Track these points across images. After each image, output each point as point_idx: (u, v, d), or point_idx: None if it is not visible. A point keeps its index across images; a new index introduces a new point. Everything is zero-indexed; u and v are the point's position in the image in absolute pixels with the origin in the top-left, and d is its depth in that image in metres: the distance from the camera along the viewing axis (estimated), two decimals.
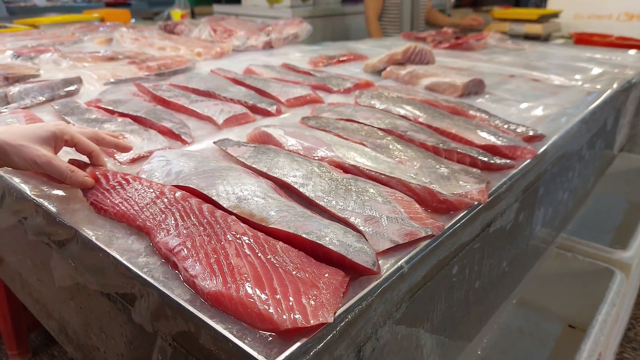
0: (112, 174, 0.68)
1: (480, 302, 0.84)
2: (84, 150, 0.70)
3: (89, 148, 0.70)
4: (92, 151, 0.70)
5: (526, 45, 2.09)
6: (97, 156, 0.71)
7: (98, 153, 0.71)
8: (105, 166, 0.72)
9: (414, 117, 0.98)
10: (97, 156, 0.71)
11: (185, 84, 1.19)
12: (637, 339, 1.94)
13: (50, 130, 0.67)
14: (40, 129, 0.67)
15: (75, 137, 0.69)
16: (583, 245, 1.43)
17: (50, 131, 0.67)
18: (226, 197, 0.61)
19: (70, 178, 0.65)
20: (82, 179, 0.65)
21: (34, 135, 0.65)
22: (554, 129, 0.99)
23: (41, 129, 0.66)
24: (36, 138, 0.65)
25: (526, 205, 0.89)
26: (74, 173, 0.65)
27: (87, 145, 0.70)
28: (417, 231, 0.59)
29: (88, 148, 0.70)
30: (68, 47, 1.81)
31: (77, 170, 0.66)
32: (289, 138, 0.82)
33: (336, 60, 1.62)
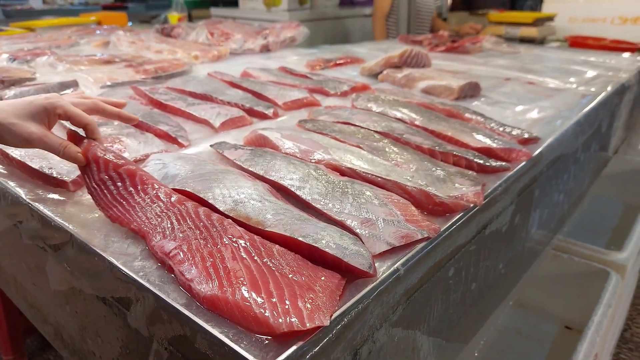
0: (103, 162, 0.64)
1: (477, 304, 0.84)
2: (79, 123, 0.67)
3: (84, 121, 0.67)
4: (87, 124, 0.67)
5: (521, 49, 2.10)
6: (93, 129, 0.68)
7: (93, 126, 0.68)
8: (101, 139, 0.69)
9: (410, 120, 0.98)
10: (92, 129, 0.68)
11: (182, 87, 1.19)
12: (634, 340, 1.94)
13: (42, 104, 0.64)
14: (31, 104, 0.64)
15: (69, 110, 0.66)
16: (579, 246, 1.44)
17: (42, 106, 0.64)
18: (222, 201, 0.61)
19: (63, 153, 0.63)
20: (75, 155, 0.64)
21: (25, 112, 0.63)
22: (549, 132, 0.99)
23: (31, 105, 0.64)
24: (27, 114, 0.63)
25: (522, 207, 0.89)
26: (67, 148, 0.63)
27: (81, 118, 0.67)
28: (413, 234, 0.59)
29: (83, 121, 0.67)
30: (64, 51, 1.81)
31: (70, 145, 0.64)
32: (285, 141, 0.82)
33: (333, 64, 1.62)
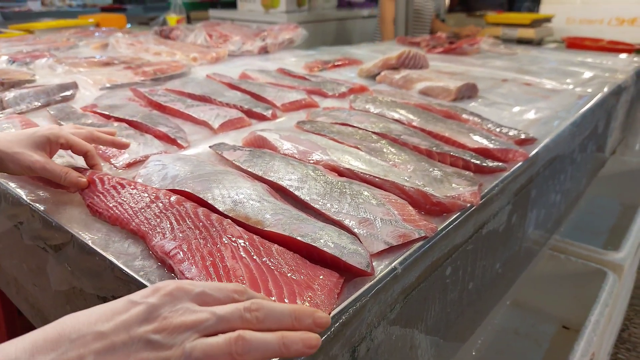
0: (107, 178, 0.69)
1: (474, 303, 0.85)
2: (79, 151, 0.72)
3: (84, 148, 0.71)
4: (88, 151, 0.72)
5: (519, 50, 2.11)
6: (92, 156, 0.73)
7: (93, 153, 0.73)
8: (100, 166, 0.74)
9: (407, 121, 0.99)
10: (92, 156, 0.73)
11: (181, 88, 1.20)
12: (631, 340, 1.95)
13: (44, 135, 0.68)
14: (34, 134, 0.68)
15: (70, 139, 0.70)
16: (576, 247, 1.45)
17: (44, 136, 0.68)
18: (222, 201, 0.62)
19: (65, 179, 0.66)
20: (76, 180, 0.67)
21: (28, 141, 0.67)
22: (546, 132, 1.00)
23: (34, 135, 0.68)
24: (30, 144, 0.67)
25: (518, 207, 0.90)
26: (68, 174, 0.67)
27: (82, 146, 0.71)
28: (410, 233, 0.59)
29: (83, 148, 0.71)
30: (63, 53, 1.81)
31: (71, 172, 0.67)
32: (284, 142, 0.83)
33: (331, 65, 1.63)
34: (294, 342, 0.36)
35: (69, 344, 0.33)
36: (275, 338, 0.36)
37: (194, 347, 0.34)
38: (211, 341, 0.35)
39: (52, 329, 0.34)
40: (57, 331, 0.34)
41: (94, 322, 0.34)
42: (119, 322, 0.34)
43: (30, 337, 0.34)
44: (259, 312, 0.37)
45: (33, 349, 0.33)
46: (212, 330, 0.36)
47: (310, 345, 0.37)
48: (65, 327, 0.34)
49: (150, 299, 0.36)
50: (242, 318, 0.36)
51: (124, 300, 0.36)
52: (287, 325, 0.38)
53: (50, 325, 0.35)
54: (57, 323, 0.34)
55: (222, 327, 0.36)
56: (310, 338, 0.37)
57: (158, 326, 0.35)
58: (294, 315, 0.38)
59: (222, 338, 0.35)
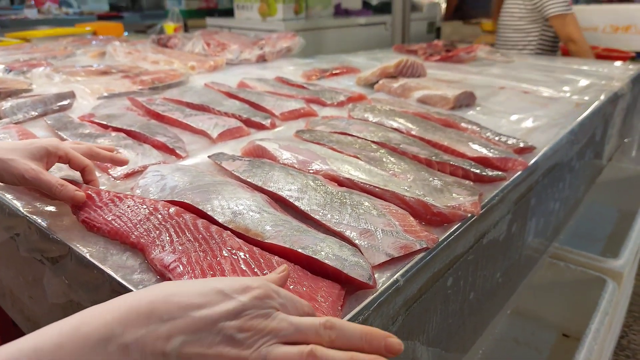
0: (103, 192, 0.67)
1: (475, 314, 0.84)
2: (78, 165, 0.70)
3: (83, 163, 0.70)
4: (86, 166, 0.70)
5: (515, 57, 2.12)
6: (90, 171, 0.71)
7: (91, 168, 0.71)
8: (97, 182, 0.72)
9: (406, 130, 0.99)
10: (90, 171, 0.71)
11: (179, 97, 1.20)
12: (631, 347, 1.95)
13: (43, 146, 0.66)
14: (32, 144, 0.66)
15: (69, 153, 0.69)
16: (575, 254, 1.45)
17: (43, 147, 0.66)
18: (221, 212, 0.62)
19: (60, 192, 0.64)
20: (73, 194, 0.64)
21: (25, 151, 0.65)
22: (545, 141, 1.00)
23: (33, 145, 0.66)
24: (27, 153, 0.65)
25: (518, 216, 0.90)
26: (64, 187, 0.64)
27: (80, 161, 0.70)
28: (412, 244, 0.59)
29: (82, 163, 0.70)
30: (61, 61, 1.81)
31: (68, 185, 0.64)
32: (283, 151, 0.82)
33: (329, 74, 1.63)
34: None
35: (160, 324, 0.35)
36: (345, 358, 0.37)
37: (269, 352, 0.36)
38: (286, 350, 0.37)
39: (145, 305, 0.36)
40: (149, 308, 0.36)
41: (185, 307, 0.36)
42: (209, 313, 0.37)
43: (123, 309, 0.36)
44: (332, 331, 0.39)
45: (126, 321, 0.35)
46: (288, 339, 0.38)
47: None
48: (157, 305, 0.36)
49: (241, 297, 0.38)
50: (317, 333, 0.38)
51: (213, 289, 0.38)
52: (357, 345, 0.39)
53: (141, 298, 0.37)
54: (149, 301, 0.37)
55: (298, 338, 0.38)
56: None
57: (243, 325, 0.37)
58: (365, 338, 0.39)
59: (296, 349, 0.37)
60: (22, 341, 0.34)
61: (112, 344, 0.34)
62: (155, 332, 0.35)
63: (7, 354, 0.32)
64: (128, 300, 0.37)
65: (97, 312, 0.36)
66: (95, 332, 0.34)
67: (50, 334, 0.34)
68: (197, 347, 0.36)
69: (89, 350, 0.34)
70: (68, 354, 0.33)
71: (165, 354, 0.35)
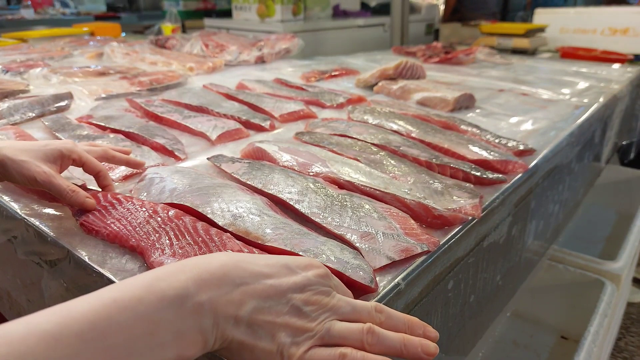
0: (102, 195, 0.67)
1: (475, 316, 0.84)
2: (92, 170, 0.68)
3: (97, 168, 0.68)
4: (100, 171, 0.69)
5: (514, 60, 2.13)
6: (105, 176, 0.70)
7: (105, 173, 0.70)
8: (113, 187, 0.71)
9: (406, 132, 0.98)
10: (104, 176, 0.70)
11: (178, 99, 1.19)
12: (628, 349, 1.95)
13: (57, 148, 0.65)
14: (46, 146, 0.65)
15: (84, 156, 0.67)
16: (574, 256, 1.45)
17: (57, 149, 0.65)
18: (221, 215, 0.61)
19: (71, 198, 0.62)
20: (83, 200, 0.63)
21: (39, 152, 0.63)
22: (544, 143, 1.00)
23: (47, 147, 0.65)
24: (40, 155, 0.63)
25: (519, 218, 0.90)
26: (75, 193, 0.62)
27: (95, 165, 0.68)
28: (413, 247, 0.59)
29: (96, 168, 0.68)
30: (58, 62, 1.80)
31: (79, 190, 0.63)
32: (283, 154, 0.82)
33: (328, 75, 1.63)
34: (414, 345, 0.40)
35: (233, 287, 0.37)
36: (398, 338, 0.40)
37: (332, 326, 0.39)
38: (347, 325, 0.39)
39: (217, 268, 0.37)
40: (222, 271, 0.37)
41: (256, 274, 0.38)
42: (279, 282, 0.39)
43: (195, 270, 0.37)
44: (381, 314, 0.42)
45: (200, 281, 0.36)
46: (345, 317, 0.40)
47: (428, 352, 0.40)
48: (229, 269, 0.38)
49: (306, 273, 0.40)
50: (369, 314, 0.41)
51: (280, 264, 0.40)
52: (401, 330, 0.42)
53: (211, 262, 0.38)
54: (221, 265, 0.38)
55: (354, 317, 0.40)
56: (429, 345, 0.40)
57: (309, 299, 0.39)
58: (407, 324, 0.42)
59: (356, 325, 0.39)
60: (100, 292, 0.34)
61: (187, 302, 0.35)
62: (229, 295, 0.37)
63: (87, 303, 0.33)
64: (199, 262, 0.38)
65: (169, 271, 0.37)
66: (171, 289, 0.35)
67: (128, 287, 0.34)
68: (267, 314, 0.37)
69: (166, 305, 0.34)
70: (146, 307, 0.33)
71: (238, 318, 0.36)
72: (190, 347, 0.35)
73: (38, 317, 0.31)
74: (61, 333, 0.30)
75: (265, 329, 0.37)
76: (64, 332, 0.30)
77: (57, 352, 0.29)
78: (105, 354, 0.31)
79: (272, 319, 0.37)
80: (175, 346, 0.34)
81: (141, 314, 0.33)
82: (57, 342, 0.29)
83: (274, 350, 0.37)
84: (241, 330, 0.37)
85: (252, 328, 0.37)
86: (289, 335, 0.37)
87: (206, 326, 0.35)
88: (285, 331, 0.37)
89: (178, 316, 0.34)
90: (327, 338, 0.38)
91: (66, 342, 0.30)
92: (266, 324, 0.37)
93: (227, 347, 0.37)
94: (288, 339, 0.37)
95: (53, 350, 0.29)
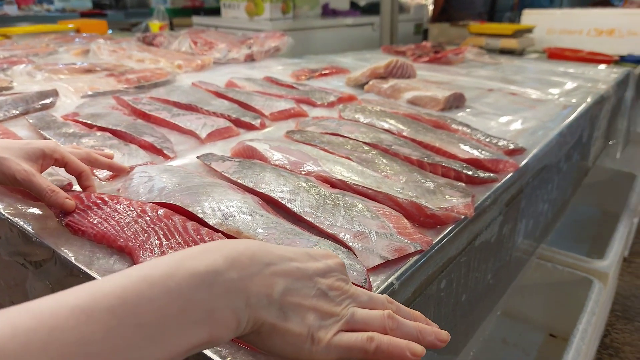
0: (85, 195, 0.65)
1: (467, 315, 0.84)
2: (74, 170, 0.67)
3: (80, 168, 0.67)
4: (83, 171, 0.68)
5: (502, 59, 2.14)
6: (87, 177, 0.68)
7: (88, 174, 0.68)
8: (94, 187, 0.69)
9: (397, 131, 0.98)
10: (87, 177, 0.68)
11: (166, 97, 1.18)
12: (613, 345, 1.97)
13: (39, 147, 0.64)
14: (28, 144, 0.64)
15: (66, 156, 0.66)
16: (562, 255, 1.46)
17: (39, 148, 0.64)
18: (212, 214, 0.60)
19: (50, 198, 0.61)
20: (63, 201, 0.61)
21: (20, 150, 0.62)
22: (534, 142, 1.00)
23: (28, 145, 0.63)
24: (21, 153, 0.62)
25: (509, 217, 0.90)
26: (55, 193, 0.61)
27: (77, 166, 0.67)
28: (406, 247, 0.58)
29: (78, 168, 0.67)
30: (43, 59, 1.77)
31: (59, 191, 0.62)
32: (274, 152, 0.81)
33: (318, 74, 1.62)
34: (428, 333, 0.42)
35: (263, 267, 0.37)
36: (414, 325, 0.42)
37: (355, 311, 0.40)
38: (369, 311, 0.41)
39: (245, 249, 0.37)
40: (251, 252, 0.37)
41: (283, 257, 0.39)
42: (305, 267, 0.40)
43: (224, 250, 0.36)
44: (392, 305, 0.44)
45: (231, 260, 0.36)
46: (363, 305, 0.42)
47: (441, 339, 0.42)
48: (257, 251, 0.38)
49: (327, 261, 0.42)
50: (383, 304, 0.43)
51: (301, 251, 0.41)
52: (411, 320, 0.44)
53: (238, 243, 0.38)
54: (247, 247, 0.38)
55: (370, 305, 0.42)
56: (441, 333, 0.43)
57: (333, 284, 0.40)
58: (413, 315, 0.45)
59: (377, 312, 0.41)
60: (127, 270, 0.33)
61: (218, 279, 0.34)
62: (260, 275, 0.37)
63: (116, 280, 0.32)
64: (225, 243, 0.38)
65: (196, 250, 0.36)
66: (202, 266, 0.34)
67: (157, 265, 0.34)
68: (296, 296, 0.38)
69: (197, 282, 0.34)
70: (177, 283, 0.33)
71: (270, 297, 0.36)
72: (223, 328, 0.34)
73: (66, 294, 0.30)
74: (92, 308, 0.29)
75: (296, 311, 0.37)
76: (95, 308, 0.29)
77: (89, 327, 0.28)
78: (138, 331, 0.30)
79: (301, 301, 0.38)
80: (207, 325, 0.33)
81: (172, 290, 0.32)
82: (88, 318, 0.29)
83: (305, 334, 0.37)
84: (273, 312, 0.36)
85: (283, 310, 0.37)
86: (317, 319, 0.38)
87: (239, 305, 0.35)
88: (315, 314, 0.38)
89: (210, 294, 0.34)
90: (352, 323, 0.39)
91: (97, 317, 0.29)
92: (296, 306, 0.37)
93: (257, 330, 0.36)
94: (317, 322, 0.38)
95: (85, 324, 0.28)
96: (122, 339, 0.29)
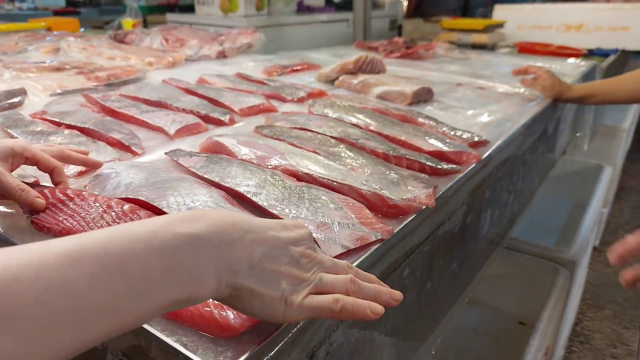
0: (50, 191, 0.65)
1: (432, 303, 0.87)
2: (47, 167, 0.67)
3: (52, 165, 0.67)
4: (55, 167, 0.68)
5: (472, 55, 2.18)
6: (60, 173, 0.68)
7: (60, 170, 0.68)
8: (67, 184, 0.69)
9: (365, 126, 1.00)
10: (59, 173, 0.68)
11: (136, 94, 1.17)
12: (584, 333, 2.04)
13: (8, 146, 0.63)
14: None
15: (37, 154, 0.66)
16: (529, 245, 1.51)
17: (8, 147, 0.63)
18: (177, 209, 0.61)
19: (20, 197, 0.61)
20: (33, 200, 0.61)
21: None
22: (498, 134, 1.03)
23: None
24: None
25: (473, 207, 0.93)
26: (25, 192, 0.61)
27: (49, 162, 0.67)
28: (367, 236, 0.60)
29: (50, 165, 0.67)
30: (11, 57, 1.74)
31: (29, 190, 0.61)
32: (242, 147, 0.82)
33: (290, 70, 1.63)
34: (384, 293, 0.47)
35: (243, 234, 0.40)
36: (372, 286, 0.46)
37: (323, 276, 0.44)
38: (334, 276, 0.45)
39: (226, 216, 0.40)
40: (232, 220, 0.40)
41: (260, 226, 0.42)
42: (280, 235, 0.42)
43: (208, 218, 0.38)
44: (351, 270, 0.48)
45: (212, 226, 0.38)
46: (328, 270, 0.45)
47: (395, 298, 0.47)
48: (236, 219, 0.40)
49: (299, 231, 0.45)
50: (345, 270, 0.47)
51: (277, 222, 0.44)
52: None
53: (217, 212, 0.40)
54: (227, 214, 0.40)
55: (334, 270, 0.46)
56: (395, 293, 0.47)
57: (303, 252, 0.44)
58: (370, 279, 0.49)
59: (341, 276, 0.45)
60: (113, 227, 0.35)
61: (201, 242, 0.36)
62: (240, 241, 0.39)
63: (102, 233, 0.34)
64: (208, 211, 0.40)
65: (182, 215, 0.38)
66: (185, 229, 0.36)
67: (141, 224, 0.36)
68: (273, 263, 0.41)
69: (180, 242, 0.35)
70: (161, 241, 0.35)
71: (251, 263, 0.39)
72: (205, 289, 0.36)
73: (55, 240, 0.32)
74: (78, 253, 0.31)
75: (272, 277, 0.40)
76: (80, 253, 0.31)
77: (74, 270, 0.31)
78: (122, 280, 0.32)
79: (277, 267, 0.41)
80: (190, 285, 0.35)
81: (155, 247, 0.34)
82: (73, 261, 0.31)
83: (279, 297, 0.40)
84: (253, 277, 0.39)
85: (260, 276, 0.39)
86: (290, 284, 0.41)
87: (221, 268, 0.37)
88: (287, 280, 0.41)
89: (192, 255, 0.36)
90: (320, 286, 0.43)
91: (82, 262, 0.31)
92: (273, 272, 0.40)
93: (236, 295, 0.39)
94: (289, 287, 0.41)
95: (70, 267, 0.30)
96: (106, 285, 0.31)
